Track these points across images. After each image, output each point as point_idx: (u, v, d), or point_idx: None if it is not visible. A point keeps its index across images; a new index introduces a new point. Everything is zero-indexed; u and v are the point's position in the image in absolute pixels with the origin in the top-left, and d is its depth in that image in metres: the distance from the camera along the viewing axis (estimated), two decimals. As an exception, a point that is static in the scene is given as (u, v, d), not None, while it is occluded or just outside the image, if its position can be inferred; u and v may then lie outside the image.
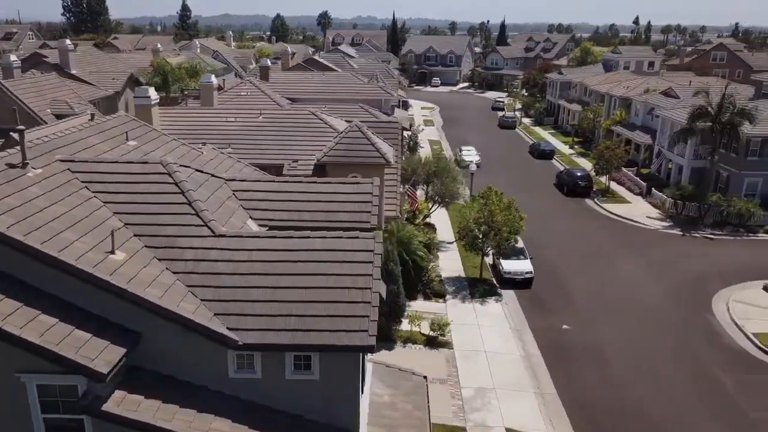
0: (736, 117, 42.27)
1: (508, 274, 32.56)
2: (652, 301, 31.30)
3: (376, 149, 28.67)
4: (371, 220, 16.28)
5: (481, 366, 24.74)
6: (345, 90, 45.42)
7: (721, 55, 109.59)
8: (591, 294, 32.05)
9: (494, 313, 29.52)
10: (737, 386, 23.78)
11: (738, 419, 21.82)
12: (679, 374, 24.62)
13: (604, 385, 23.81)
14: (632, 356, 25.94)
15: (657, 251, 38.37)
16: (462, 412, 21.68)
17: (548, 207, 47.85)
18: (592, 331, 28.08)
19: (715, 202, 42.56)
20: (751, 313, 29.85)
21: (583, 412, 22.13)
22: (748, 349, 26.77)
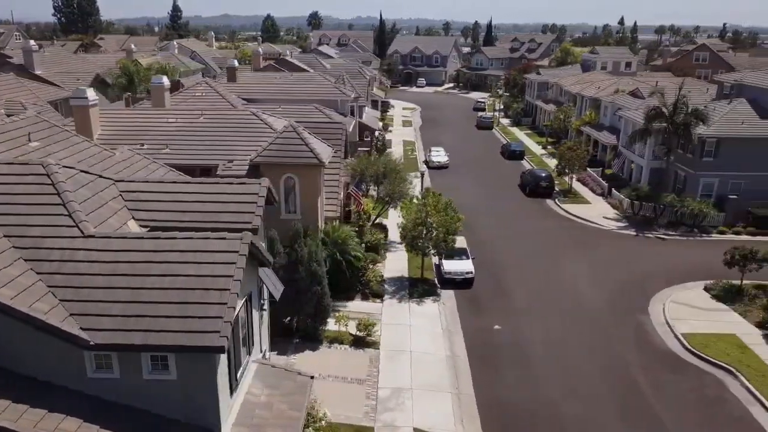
0: (689, 118, 42.35)
1: (448, 274, 32.64)
2: (591, 301, 31.38)
3: (310, 150, 28.79)
4: (254, 221, 16.34)
5: (403, 366, 24.79)
6: (302, 90, 45.55)
7: (703, 55, 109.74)
8: (530, 294, 32.12)
9: (429, 314, 29.57)
10: (655, 387, 23.83)
11: (648, 420, 21.85)
12: (600, 375, 24.68)
13: (523, 386, 23.87)
14: (557, 357, 26.01)
15: (607, 251, 38.47)
16: (374, 413, 21.73)
17: (508, 207, 47.97)
18: (523, 332, 28.15)
19: (670, 202, 42.66)
20: (686, 313, 29.93)
21: (496, 413, 22.20)
22: (675, 349, 26.82)
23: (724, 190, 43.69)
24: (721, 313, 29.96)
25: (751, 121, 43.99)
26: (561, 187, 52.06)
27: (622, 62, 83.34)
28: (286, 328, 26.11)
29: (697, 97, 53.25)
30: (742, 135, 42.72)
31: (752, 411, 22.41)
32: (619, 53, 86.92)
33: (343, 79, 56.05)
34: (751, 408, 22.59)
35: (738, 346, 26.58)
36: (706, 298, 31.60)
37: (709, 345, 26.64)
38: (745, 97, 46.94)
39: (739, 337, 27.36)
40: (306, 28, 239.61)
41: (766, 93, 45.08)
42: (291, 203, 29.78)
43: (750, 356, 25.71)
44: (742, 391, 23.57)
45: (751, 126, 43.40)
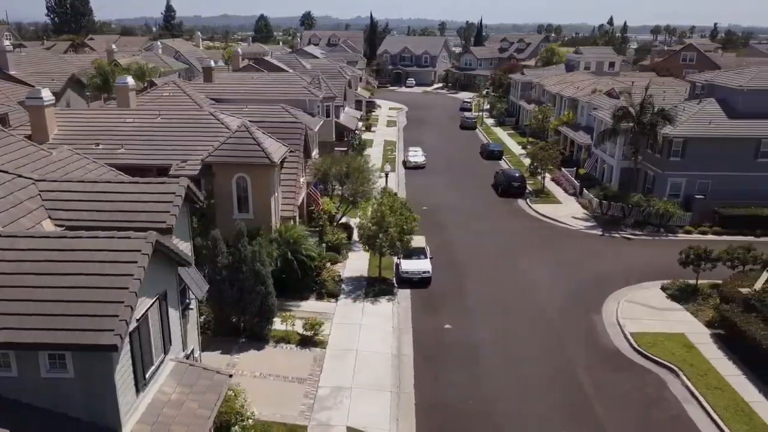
0: (655, 118, 42.41)
1: (405, 273, 32.71)
2: (546, 301, 31.43)
3: (261, 149, 28.91)
4: (168, 220, 16.39)
5: (347, 365, 24.85)
6: (271, 91, 45.62)
7: (690, 55, 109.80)
8: (487, 294, 32.18)
9: (382, 313, 29.63)
10: (597, 386, 23.89)
11: (585, 419, 21.90)
12: (543, 375, 24.71)
13: (465, 385, 23.90)
14: (503, 356, 26.08)
15: (571, 251, 38.52)
16: (310, 411, 21.79)
17: (479, 207, 48.04)
18: (474, 331, 28.22)
19: (637, 202, 42.71)
20: (639, 313, 29.99)
21: (433, 412, 22.25)
22: (622, 348, 26.88)
23: (691, 190, 43.75)
24: (674, 312, 30.02)
25: (719, 121, 44.04)
26: (534, 186, 52.13)
27: (605, 62, 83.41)
28: (234, 328, 26.21)
29: (672, 97, 53.49)
30: (709, 135, 42.76)
31: (688, 409, 22.47)
32: (602, 53, 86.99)
33: (319, 80, 56.17)
34: (687, 406, 22.66)
35: (685, 345, 26.64)
36: (662, 298, 31.65)
37: (656, 344, 26.71)
38: (715, 97, 46.98)
39: (687, 336, 27.42)
40: (301, 29, 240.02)
41: (736, 93, 45.11)
42: (244, 203, 29.92)
43: (694, 355, 25.77)
44: (682, 390, 23.64)
45: (719, 126, 43.46)
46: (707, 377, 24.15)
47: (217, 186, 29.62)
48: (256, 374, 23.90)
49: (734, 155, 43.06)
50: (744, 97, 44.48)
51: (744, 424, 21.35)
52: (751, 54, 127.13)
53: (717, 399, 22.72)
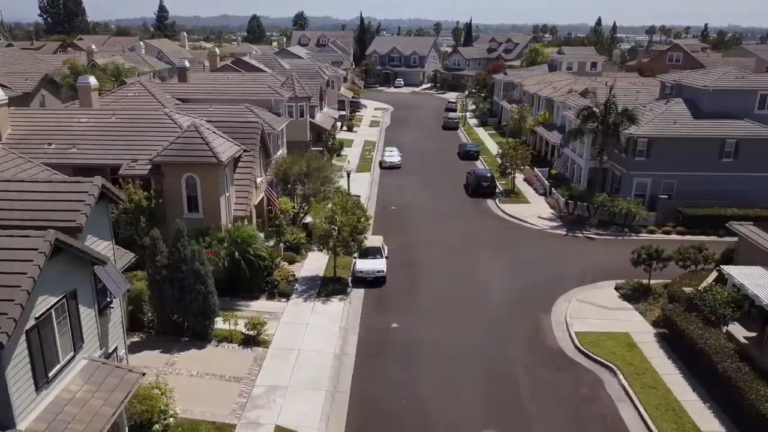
0: (619, 118, 42.50)
1: (359, 273, 32.78)
2: (498, 301, 31.48)
3: (209, 149, 28.99)
4: (78, 219, 16.44)
5: (287, 365, 24.91)
6: (238, 91, 45.73)
7: (677, 56, 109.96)
8: (441, 294, 32.24)
9: (332, 312, 29.69)
10: (533, 385, 23.95)
11: (515, 419, 21.96)
12: (482, 374, 24.75)
13: (402, 385, 23.95)
14: (445, 355, 26.12)
15: (532, 251, 38.58)
16: (241, 410, 21.84)
17: (448, 207, 48.10)
18: (420, 330, 28.28)
19: (601, 202, 42.80)
20: (588, 312, 30.06)
21: (367, 411, 22.32)
22: (565, 348, 26.94)
23: (657, 190, 43.84)
24: (623, 311, 30.09)
25: (684, 121, 44.17)
26: (505, 186, 52.24)
27: (587, 62, 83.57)
28: (178, 327, 26.26)
29: (645, 97, 53.61)
30: (673, 135, 42.86)
31: (620, 408, 22.54)
32: (584, 54, 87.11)
33: (292, 80, 56.26)
34: (620, 405, 22.73)
35: (627, 344, 26.70)
36: (614, 298, 31.71)
37: (599, 343, 26.78)
38: (683, 97, 47.12)
39: (631, 335, 27.49)
40: (294, 29, 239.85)
41: (701, 93, 45.23)
42: (194, 203, 30.01)
43: (635, 354, 25.83)
44: (618, 390, 23.70)
45: (684, 126, 43.57)
46: (644, 376, 24.22)
47: (166, 185, 29.70)
48: (194, 373, 23.96)
49: (699, 155, 43.15)
50: (709, 97, 44.62)
51: (672, 422, 21.41)
52: (740, 54, 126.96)
53: (650, 398, 22.78)
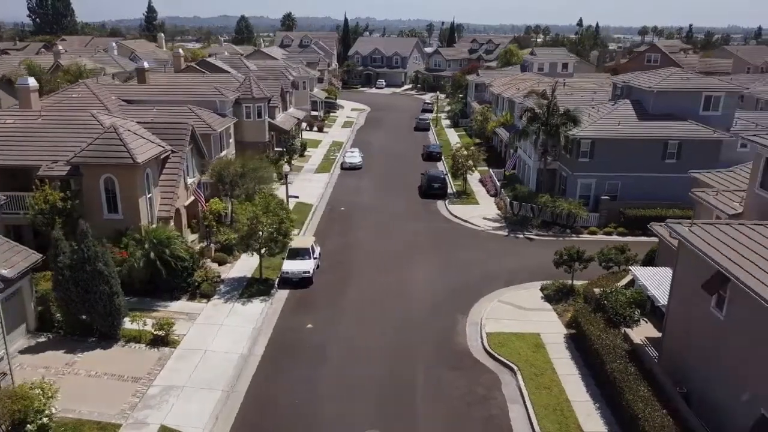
0: (561, 119, 42.61)
1: (285, 273, 32.88)
2: (421, 302, 31.52)
3: (126, 150, 29.13)
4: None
5: (190, 365, 25.00)
6: (184, 92, 45.88)
7: (654, 56, 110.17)
8: (365, 294, 32.34)
9: (249, 313, 29.77)
10: (430, 386, 24.01)
11: (402, 418, 22.04)
12: (382, 374, 24.81)
13: (302, 386, 24.02)
14: (352, 356, 26.19)
15: (468, 252, 38.66)
16: (131, 410, 21.92)
17: (397, 208, 48.19)
18: (335, 332, 28.35)
19: (544, 203, 42.90)
20: (506, 313, 30.15)
21: (259, 412, 22.38)
22: (473, 348, 27.01)
23: (601, 191, 43.92)
24: (541, 312, 30.17)
25: (629, 122, 44.25)
26: (459, 188, 52.37)
27: (558, 63, 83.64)
28: (87, 327, 26.35)
29: (602, 98, 53.77)
30: (615, 136, 42.92)
31: (511, 409, 22.62)
32: (555, 55, 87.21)
33: (250, 81, 56.43)
34: (511, 406, 22.81)
35: (535, 345, 26.80)
36: (536, 298, 31.79)
37: (506, 344, 26.87)
38: (631, 98, 47.25)
39: (541, 336, 27.58)
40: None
41: (647, 94, 45.35)
42: (113, 203, 30.13)
43: (539, 355, 25.92)
44: (513, 390, 23.79)
45: (627, 127, 43.64)
46: (542, 377, 24.31)
47: (85, 186, 29.84)
48: (92, 373, 24.06)
49: (643, 156, 43.23)
50: (655, 98, 44.74)
51: (556, 423, 21.49)
52: (721, 55, 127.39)
53: (541, 398, 22.88)
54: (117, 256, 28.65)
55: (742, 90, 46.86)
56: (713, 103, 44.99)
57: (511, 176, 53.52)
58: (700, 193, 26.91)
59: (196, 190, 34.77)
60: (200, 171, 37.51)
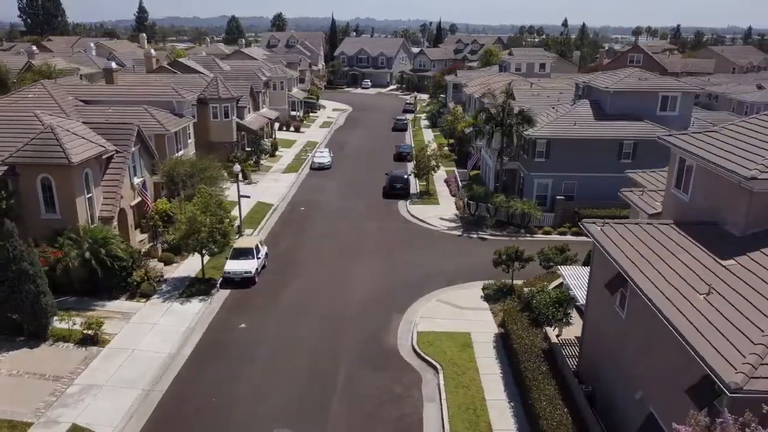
0: (515, 119, 42.71)
1: (227, 273, 32.97)
2: (359, 302, 31.57)
3: (62, 150, 29.18)
4: None
5: (115, 364, 25.09)
6: (141, 93, 45.98)
7: (637, 57, 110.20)
8: (306, 294, 32.42)
9: (186, 313, 29.84)
10: (349, 385, 24.10)
11: (315, 417, 22.13)
12: (305, 373, 24.91)
13: (222, 384, 24.11)
14: (279, 356, 26.29)
15: (419, 252, 38.74)
16: (46, 409, 22.01)
17: (358, 208, 48.24)
18: (268, 331, 28.45)
19: (499, 203, 42.99)
20: (442, 312, 30.25)
21: (175, 411, 22.44)
22: (402, 348, 27.10)
23: (558, 191, 44.02)
24: (478, 311, 30.27)
25: (586, 122, 44.34)
26: (423, 188, 52.49)
27: (535, 64, 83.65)
28: (16, 326, 26.42)
29: (567, 99, 53.86)
30: (571, 136, 43.01)
31: (426, 408, 22.72)
32: (533, 55, 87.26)
33: (216, 82, 56.62)
34: (427, 405, 22.92)
35: (463, 344, 26.90)
36: (477, 297, 31.88)
37: (435, 343, 26.96)
38: (591, 98, 47.36)
39: (472, 335, 27.68)
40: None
41: (604, 95, 45.47)
42: (51, 203, 30.22)
43: (465, 354, 26.02)
44: (432, 389, 23.89)
45: (583, 127, 43.73)
46: (463, 376, 24.41)
47: (22, 186, 29.92)
48: (14, 372, 24.17)
49: (599, 156, 43.30)
50: (611, 98, 44.86)
51: (467, 422, 21.59)
52: (706, 55, 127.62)
53: (458, 397, 22.98)
54: (51, 255, 28.76)
55: (698, 90, 47.00)
56: (670, 104, 45.14)
57: (475, 176, 53.64)
58: (628, 192, 26.99)
59: (141, 190, 34.84)
60: (151, 171, 37.57)
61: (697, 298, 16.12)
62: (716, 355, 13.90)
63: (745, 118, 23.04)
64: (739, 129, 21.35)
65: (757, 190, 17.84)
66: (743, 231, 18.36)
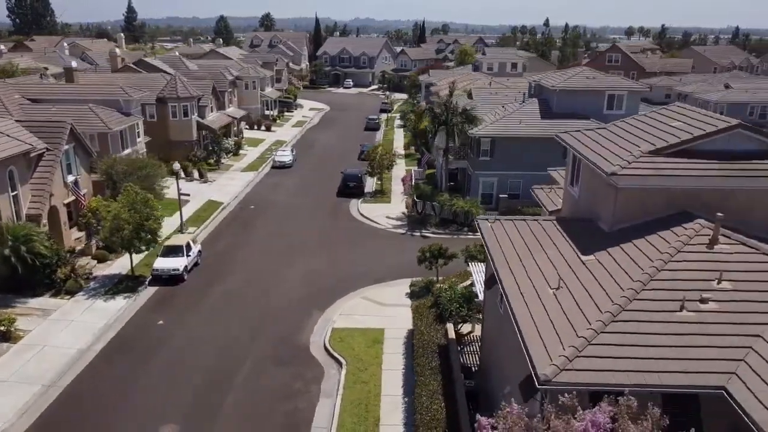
0: (458, 118, 42.86)
1: (155, 271, 33.09)
2: (287, 299, 31.68)
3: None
4: None
5: (22, 360, 25.20)
6: (89, 92, 46.10)
7: (615, 56, 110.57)
8: (234, 292, 32.48)
9: (107, 310, 29.93)
10: (250, 380, 24.20)
11: (207, 413, 22.23)
12: (209, 369, 25.01)
13: (126, 380, 24.21)
14: (189, 351, 26.38)
15: (358, 250, 38.86)
16: (-66, 406, 22.16)
17: (309, 207, 48.34)
18: (185, 327, 28.55)
19: (443, 201, 43.12)
20: (363, 308, 30.40)
21: (69, 406, 22.53)
22: (313, 344, 27.23)
23: (504, 189, 44.18)
24: (398, 308, 30.35)
25: (531, 120, 44.48)
26: (378, 186, 52.63)
27: (507, 63, 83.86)
28: (-72, 323, 26.58)
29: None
30: (514, 134, 43.14)
31: (321, 403, 22.84)
32: (505, 55, 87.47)
33: (175, 81, 56.81)
34: (322, 400, 23.04)
35: (374, 340, 27.03)
36: (402, 295, 31.96)
37: (346, 339, 27.09)
38: (540, 97, 47.52)
39: (385, 332, 27.81)
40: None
41: (551, 93, 45.63)
42: (-27, 201, 30.27)
43: (373, 351, 26.14)
44: (332, 385, 24.01)
45: (528, 126, 43.86)
46: (365, 372, 24.53)
47: (-57, 184, 30.03)
48: None
49: (544, 155, 43.10)
50: (558, 97, 45.03)
51: (356, 417, 21.71)
52: (688, 55, 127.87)
53: (354, 393, 23.10)
54: (-32, 253, 28.89)
55: (645, 89, 47.06)
56: (617, 102, 45.27)
57: (431, 175, 53.78)
58: (537, 190, 27.18)
59: (74, 188, 34.97)
60: (89, 169, 37.71)
61: (547, 293, 16.27)
62: (540, 347, 14.05)
63: (634, 116, 23.18)
64: (623, 126, 21.51)
65: (622, 186, 17.99)
66: (611, 227, 18.50)
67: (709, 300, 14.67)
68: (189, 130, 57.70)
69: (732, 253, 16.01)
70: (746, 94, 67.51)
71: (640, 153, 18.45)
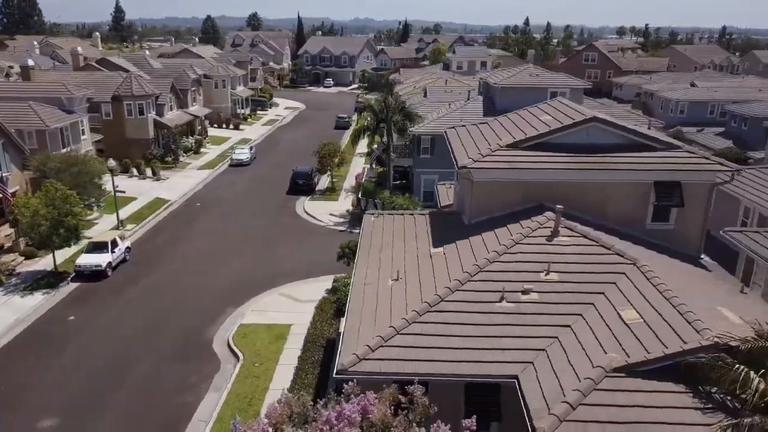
0: (397, 116, 42.93)
1: (78, 267, 33.18)
2: (205, 295, 31.64)
3: None
4: None
5: None
6: (32, 89, 46.20)
7: (592, 56, 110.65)
8: (156, 288, 32.56)
9: (22, 305, 29.98)
10: (146, 377, 24.23)
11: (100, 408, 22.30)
12: (111, 364, 25.09)
13: (21, 376, 24.30)
14: (93, 347, 26.47)
15: (292, 248, 38.84)
16: None
17: (257, 205, 48.37)
18: (96, 323, 28.62)
19: (383, 198, 43.15)
20: (277, 305, 30.48)
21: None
22: (216, 339, 27.29)
23: (446, 187, 44.18)
24: (312, 304, 30.00)
25: (473, 118, 44.18)
26: (330, 184, 52.70)
27: (477, 62, 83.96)
28: None
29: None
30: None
31: (207, 397, 22.91)
32: (474, 54, 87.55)
33: (131, 79, 56.94)
34: (210, 394, 23.12)
35: (278, 336, 27.08)
36: (321, 291, 31.72)
37: (249, 335, 27.16)
38: (485, 94, 47.63)
39: (292, 327, 27.80)
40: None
41: (495, 91, 45.69)
42: None
43: (274, 346, 26.21)
44: (225, 379, 24.06)
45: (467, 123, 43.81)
46: (260, 367, 24.61)
47: None
48: None
49: (485, 152, 43.49)
50: (501, 94, 44.96)
51: (237, 410, 21.65)
52: (670, 54, 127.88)
53: (243, 387, 23.19)
54: None
55: (586, 86, 47.08)
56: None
57: (381, 173, 53.78)
58: (440, 186, 27.35)
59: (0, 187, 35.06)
60: (21, 166, 37.79)
61: (386, 285, 16.35)
62: (354, 338, 14.13)
63: (516, 111, 23.25)
64: (502, 121, 21.62)
65: (476, 179, 18.10)
66: (469, 220, 18.61)
67: (531, 291, 14.77)
68: (145, 128, 57.81)
69: (569, 245, 16.11)
70: (708, 93, 67.58)
71: (497, 146, 18.55)
